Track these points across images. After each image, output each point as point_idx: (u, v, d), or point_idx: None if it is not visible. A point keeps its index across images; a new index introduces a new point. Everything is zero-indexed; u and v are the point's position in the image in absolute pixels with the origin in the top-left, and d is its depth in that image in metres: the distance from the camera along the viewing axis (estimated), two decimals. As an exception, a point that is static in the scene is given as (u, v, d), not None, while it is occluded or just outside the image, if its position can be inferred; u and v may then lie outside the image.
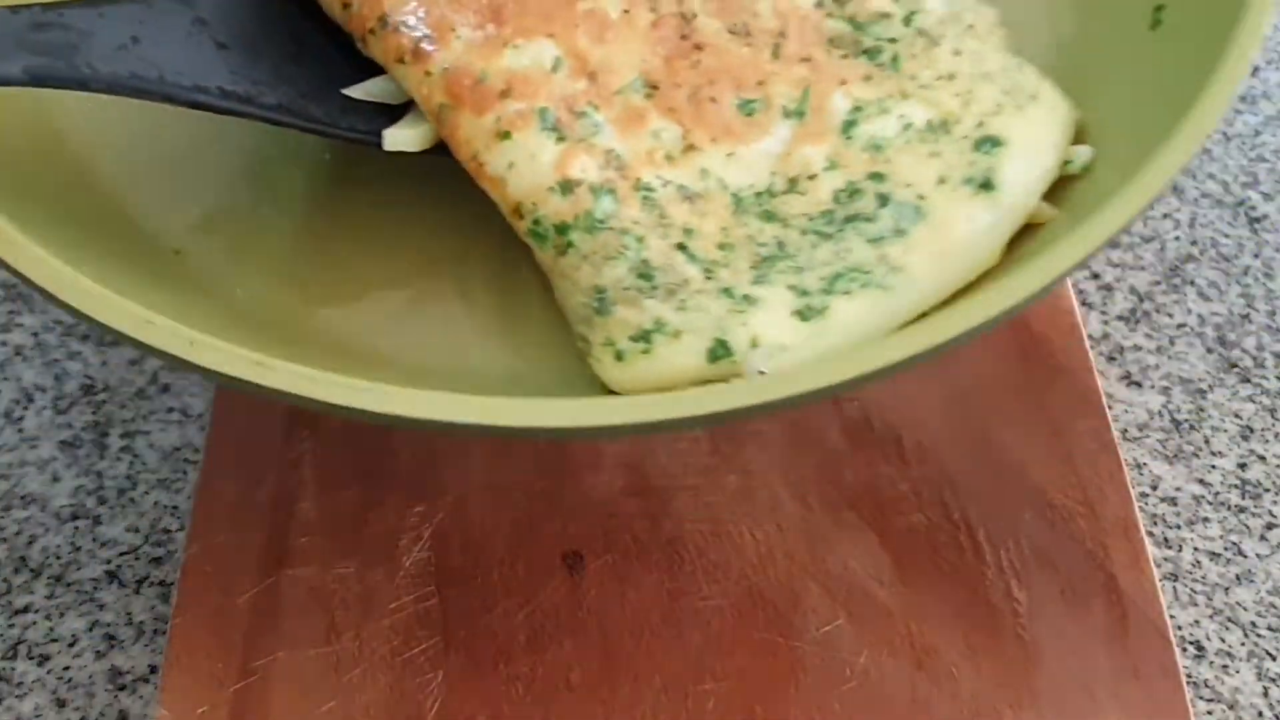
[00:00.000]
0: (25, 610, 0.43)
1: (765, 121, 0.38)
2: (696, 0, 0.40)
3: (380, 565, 0.41)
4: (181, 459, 0.46)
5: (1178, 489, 0.47)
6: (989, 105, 0.39)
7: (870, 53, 0.40)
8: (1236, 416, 0.49)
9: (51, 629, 0.42)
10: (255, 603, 0.40)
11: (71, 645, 0.42)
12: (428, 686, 0.38)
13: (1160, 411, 0.49)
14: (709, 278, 0.36)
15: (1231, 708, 0.41)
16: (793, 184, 0.38)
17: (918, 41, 0.40)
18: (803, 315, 0.35)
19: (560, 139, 0.37)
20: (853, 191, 0.37)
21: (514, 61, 0.38)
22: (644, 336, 0.35)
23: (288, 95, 0.39)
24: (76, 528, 0.45)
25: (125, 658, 0.42)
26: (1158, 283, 0.53)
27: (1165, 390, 0.49)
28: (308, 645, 0.39)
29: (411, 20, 0.38)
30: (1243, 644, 0.43)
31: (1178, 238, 0.55)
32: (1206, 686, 0.42)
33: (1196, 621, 0.43)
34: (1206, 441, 0.48)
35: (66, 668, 0.42)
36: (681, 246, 0.36)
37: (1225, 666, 0.42)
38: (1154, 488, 0.46)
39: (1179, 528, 0.45)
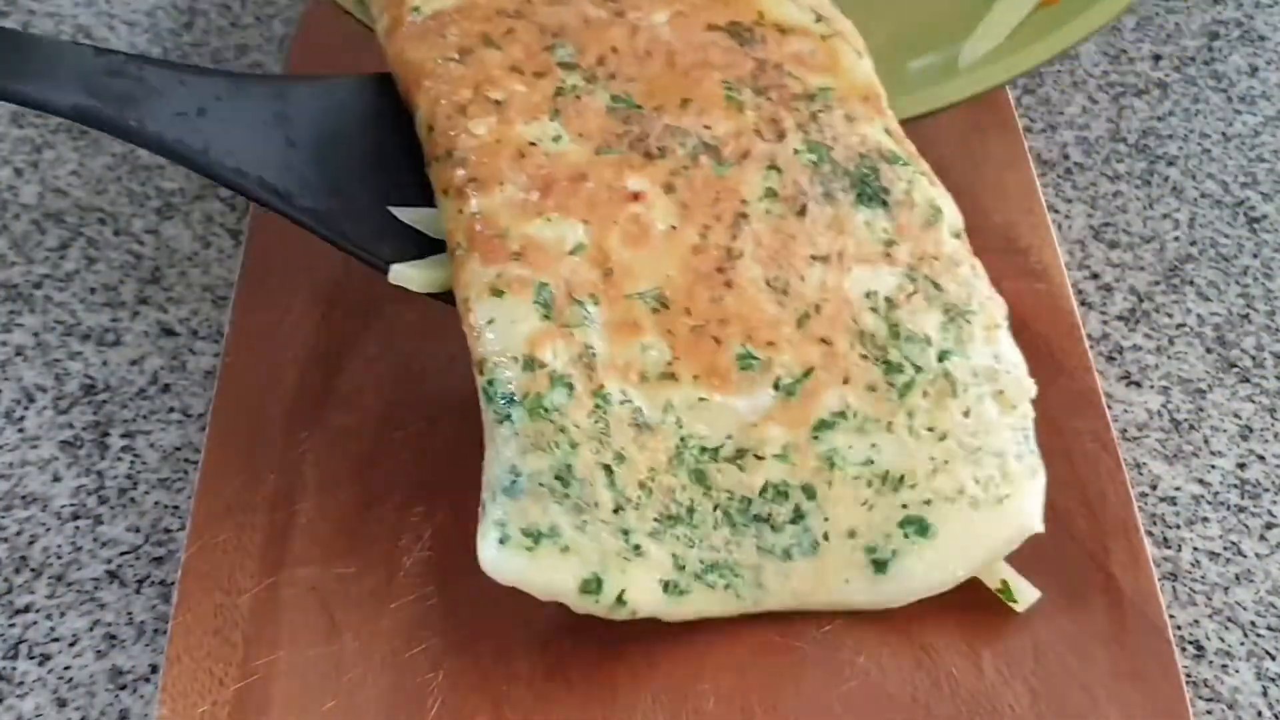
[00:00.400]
0: (26, 610, 0.43)
1: (754, 383, 0.38)
2: (750, 241, 0.39)
3: (380, 565, 0.41)
4: (182, 459, 0.46)
5: (1177, 489, 0.47)
6: (950, 488, 0.39)
7: (889, 367, 0.39)
8: (1236, 416, 0.49)
9: (52, 628, 0.42)
10: (255, 603, 0.40)
11: (72, 645, 0.42)
12: (428, 686, 0.38)
13: (1159, 411, 0.49)
14: (616, 511, 0.37)
15: (1231, 707, 0.41)
16: (739, 456, 0.38)
17: (938, 383, 0.39)
18: (667, 588, 0.38)
19: (545, 316, 0.37)
20: (780, 492, 0.38)
21: (539, 231, 0.38)
22: (535, 535, 0.36)
23: (329, 203, 0.39)
24: (77, 527, 0.45)
25: (126, 657, 0.42)
26: (1157, 283, 0.53)
27: (1164, 390, 0.49)
28: (308, 645, 0.39)
29: (472, 160, 0.39)
30: (1242, 644, 0.43)
31: (1177, 238, 0.55)
32: (1206, 686, 0.42)
33: (1196, 621, 0.43)
34: (1206, 441, 0.48)
35: (67, 667, 0.42)
36: (608, 469, 0.37)
37: (1225, 666, 0.42)
38: (1153, 488, 0.47)
39: (1178, 527, 0.45)
